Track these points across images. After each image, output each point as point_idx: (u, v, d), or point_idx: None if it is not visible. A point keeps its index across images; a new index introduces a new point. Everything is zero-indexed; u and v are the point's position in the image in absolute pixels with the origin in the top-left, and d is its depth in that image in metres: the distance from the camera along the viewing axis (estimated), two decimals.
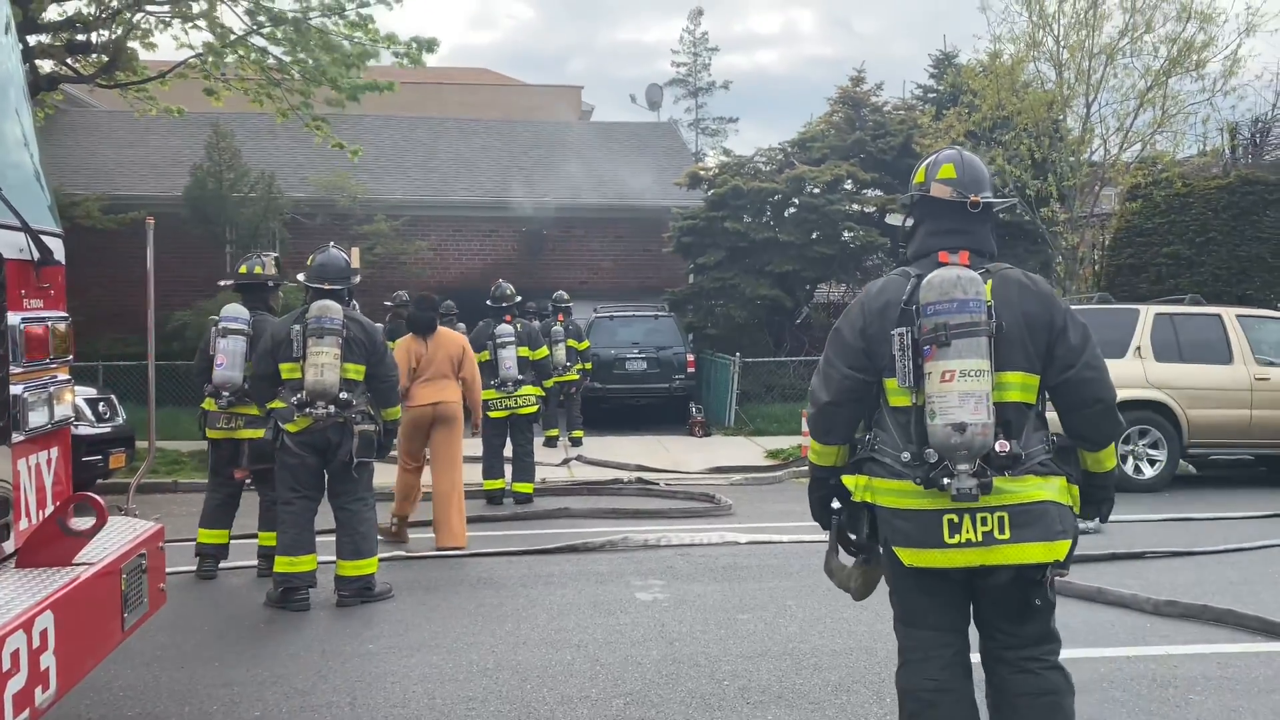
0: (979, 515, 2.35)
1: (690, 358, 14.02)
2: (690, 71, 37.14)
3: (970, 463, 2.33)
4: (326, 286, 5.04)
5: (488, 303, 8.36)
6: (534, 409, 8.13)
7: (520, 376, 7.95)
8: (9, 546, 2.59)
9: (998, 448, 2.34)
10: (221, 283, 6.23)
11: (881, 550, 2.53)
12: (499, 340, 7.96)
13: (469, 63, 50.97)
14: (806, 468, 2.72)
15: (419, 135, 19.24)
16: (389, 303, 11.85)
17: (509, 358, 7.91)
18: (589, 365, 12.77)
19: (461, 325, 10.88)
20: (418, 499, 6.60)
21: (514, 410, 8.03)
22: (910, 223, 2.68)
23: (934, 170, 2.62)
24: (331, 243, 5.13)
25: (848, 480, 2.55)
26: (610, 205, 17.52)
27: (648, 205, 17.32)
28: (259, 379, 5.03)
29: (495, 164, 17.89)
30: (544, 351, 8.42)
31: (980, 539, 2.35)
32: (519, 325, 8.23)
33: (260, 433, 5.19)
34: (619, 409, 13.90)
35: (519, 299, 8.51)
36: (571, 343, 12.46)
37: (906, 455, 2.42)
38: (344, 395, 4.84)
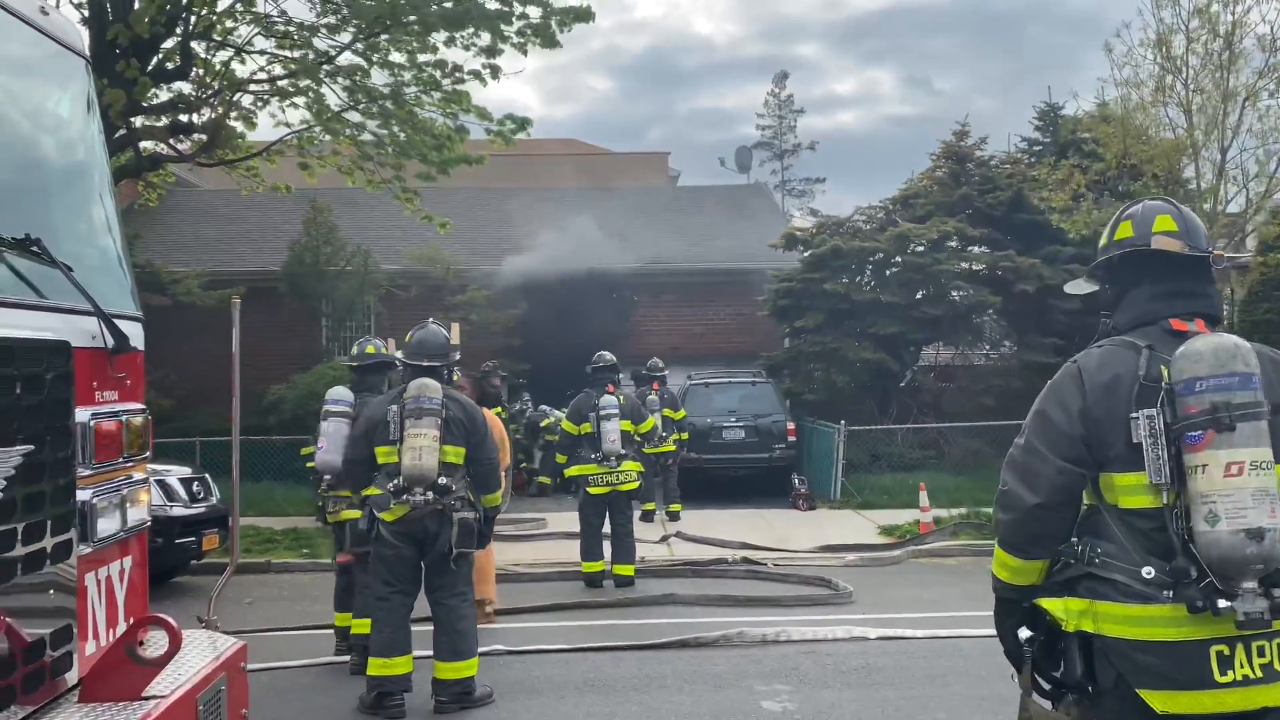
0: (1255, 644, 1.95)
1: (790, 425, 13.63)
2: (776, 134, 37.40)
3: (1257, 578, 1.92)
4: (425, 363, 4.91)
5: (588, 370, 8.19)
6: (635, 485, 7.92)
7: (623, 451, 7.75)
8: (72, 676, 2.35)
9: None
10: (343, 360, 6.04)
11: (1106, 693, 2.02)
12: (602, 412, 7.78)
13: (551, 134, 52.02)
14: (994, 581, 2.24)
15: (510, 206, 19.40)
16: (478, 372, 11.92)
17: (612, 431, 7.73)
18: (685, 435, 12.38)
19: (499, 379, 11.55)
20: (493, 577, 6.48)
21: (615, 486, 7.80)
22: (1111, 286, 2.29)
23: (1146, 222, 2.26)
24: (431, 318, 5.05)
25: (1052, 605, 2.11)
26: (702, 269, 17.61)
27: (741, 268, 17.27)
28: (352, 463, 4.90)
29: (585, 231, 17.65)
30: (650, 424, 8.37)
31: (1260, 674, 1.94)
32: (621, 397, 8.06)
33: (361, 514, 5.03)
34: (717, 480, 13.52)
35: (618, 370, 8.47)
36: (667, 412, 12.10)
37: (1150, 571, 1.99)
38: (443, 480, 4.63)
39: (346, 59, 10.72)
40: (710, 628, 6.19)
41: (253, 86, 10.99)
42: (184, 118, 10.49)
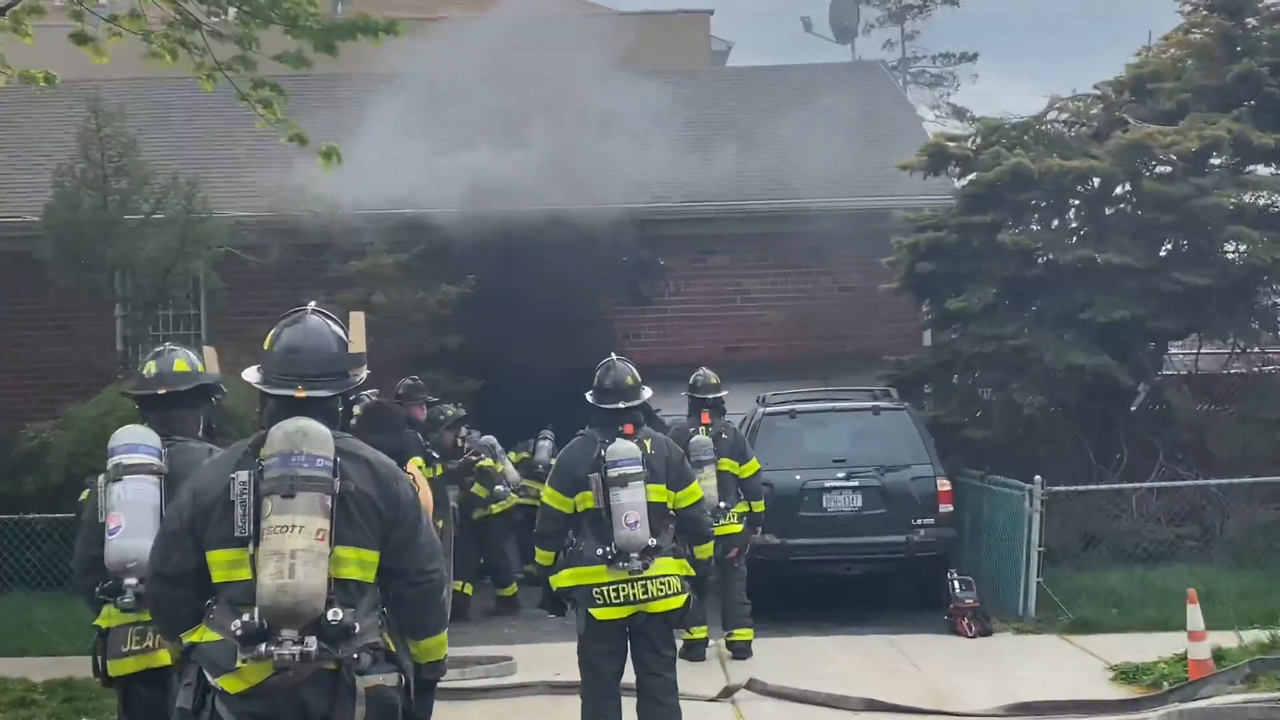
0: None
1: (944, 484, 13.57)
2: None
3: None
4: (300, 393, 4.50)
5: (589, 398, 8.20)
6: (678, 602, 7.83)
7: (655, 541, 7.70)
8: None
9: None
10: (125, 391, 6.46)
11: None
12: (615, 472, 7.76)
13: None
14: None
15: (444, 113, 18.74)
16: (393, 396, 12.42)
17: (634, 506, 7.69)
18: (759, 505, 12.04)
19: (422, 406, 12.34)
20: None
21: (642, 605, 7.78)
22: None
23: None
24: (310, 304, 4.59)
25: None
26: (775, 212, 18.04)
27: (845, 208, 17.54)
28: (163, 581, 4.55)
29: (571, 147, 17.56)
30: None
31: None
32: (649, 442, 7.95)
33: None
34: (816, 583, 13.74)
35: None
36: (727, 465, 11.84)
37: None
38: (335, 616, 4.18)
39: None
40: None
41: None
42: None
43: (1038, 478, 12.88)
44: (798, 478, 13.55)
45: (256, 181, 16.97)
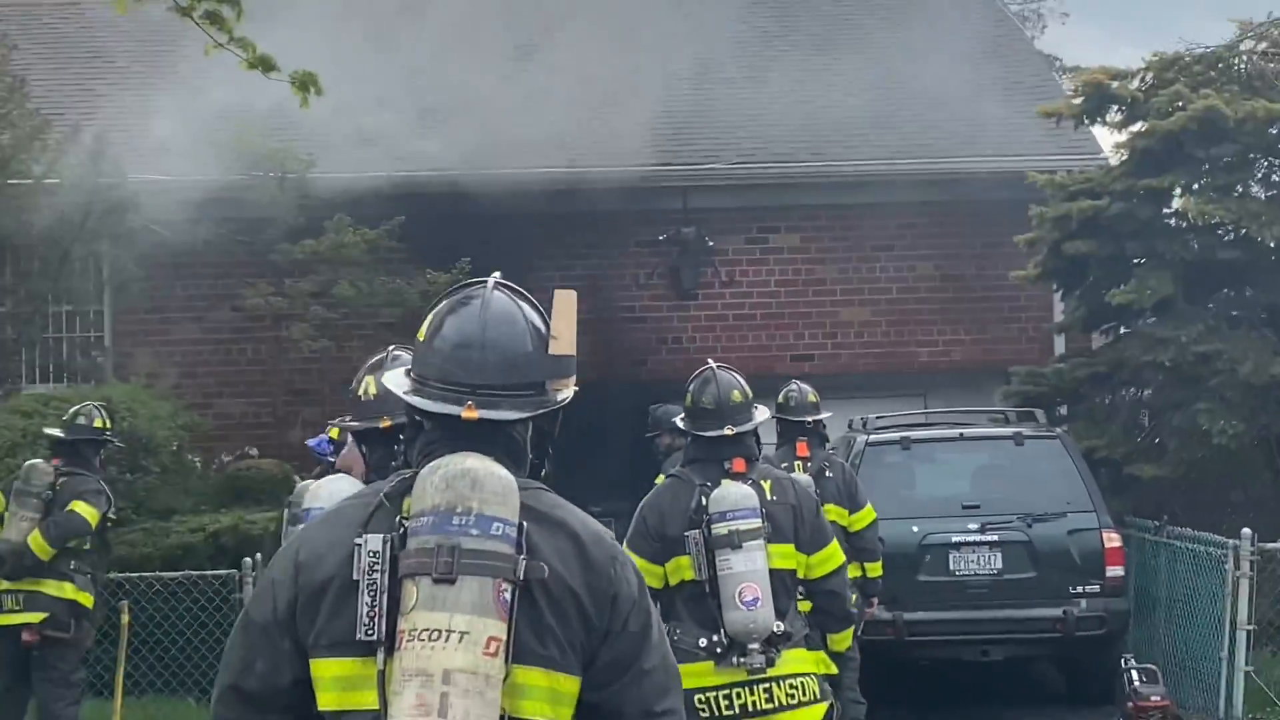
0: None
1: (1113, 539, 13.16)
2: None
3: None
4: (470, 413, 4.11)
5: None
6: (812, 714, 7.53)
7: (780, 627, 7.33)
8: None
9: None
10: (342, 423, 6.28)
11: None
12: (721, 526, 7.51)
13: None
14: None
15: (422, 36, 18.54)
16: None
17: (753, 576, 7.41)
18: (875, 568, 11.69)
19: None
20: None
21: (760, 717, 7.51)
22: None
23: None
24: (495, 274, 3.97)
25: None
26: (861, 174, 17.91)
27: (960, 171, 17.67)
28: (240, 700, 4.00)
29: (594, 87, 17.32)
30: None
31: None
32: (768, 483, 7.69)
33: None
34: (941, 671, 13.51)
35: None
36: (835, 512, 11.20)
37: None
38: None
39: None
40: None
41: None
42: None
43: (1246, 531, 12.41)
44: (915, 530, 13.14)
45: (180, 138, 16.57)
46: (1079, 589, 12.82)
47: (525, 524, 3.47)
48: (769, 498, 7.49)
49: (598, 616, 3.55)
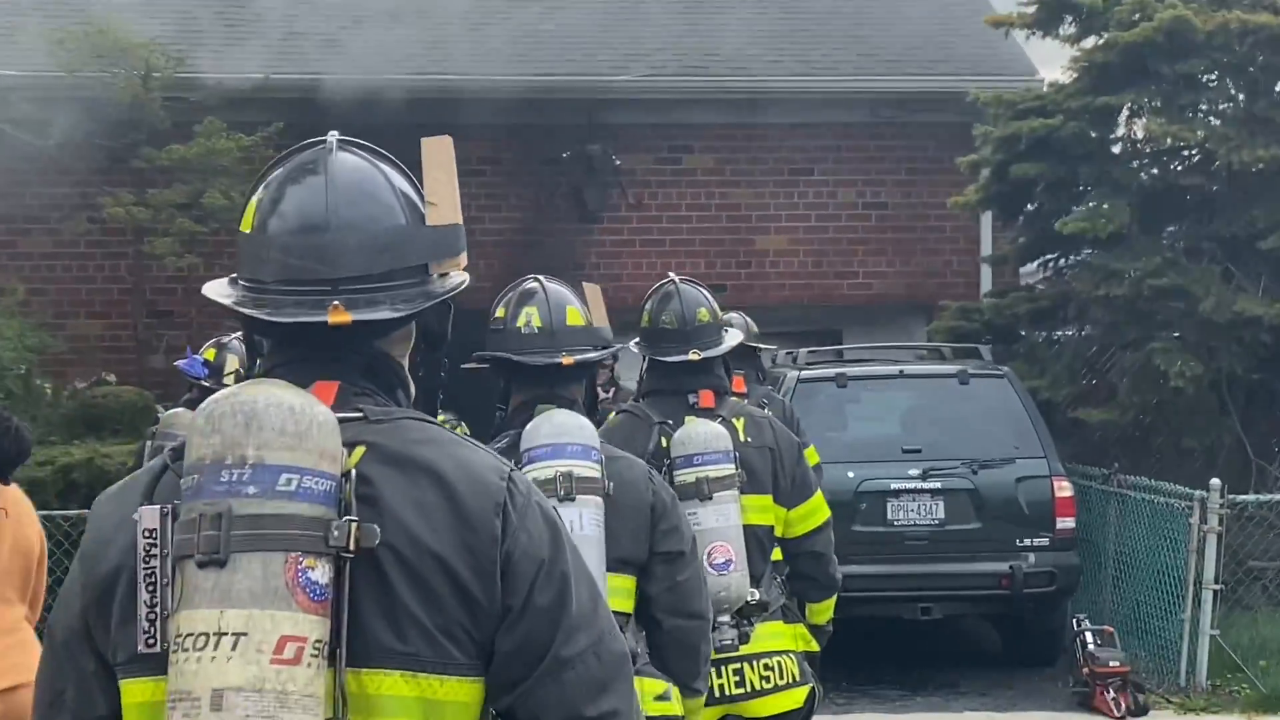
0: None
1: (1064, 488, 12.92)
2: None
3: None
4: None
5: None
6: (794, 699, 7.06)
7: (755, 595, 6.79)
8: None
9: None
10: (484, 355, 5.78)
11: None
12: (686, 474, 6.81)
13: None
14: None
15: None
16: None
17: (725, 534, 6.80)
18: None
19: None
20: None
21: (736, 704, 7.07)
22: None
23: None
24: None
25: None
26: (780, 91, 17.53)
27: (880, 88, 17.48)
28: None
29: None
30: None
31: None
32: (741, 422, 7.07)
33: None
34: (878, 629, 13.15)
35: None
36: None
37: None
38: None
39: None
40: None
41: None
42: None
43: (1215, 482, 12.20)
44: (850, 475, 12.65)
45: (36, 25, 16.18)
46: (1027, 542, 12.63)
47: (367, 471, 2.81)
48: (742, 439, 6.71)
49: (483, 590, 2.84)
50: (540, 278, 5.47)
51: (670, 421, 6.57)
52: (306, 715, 2.61)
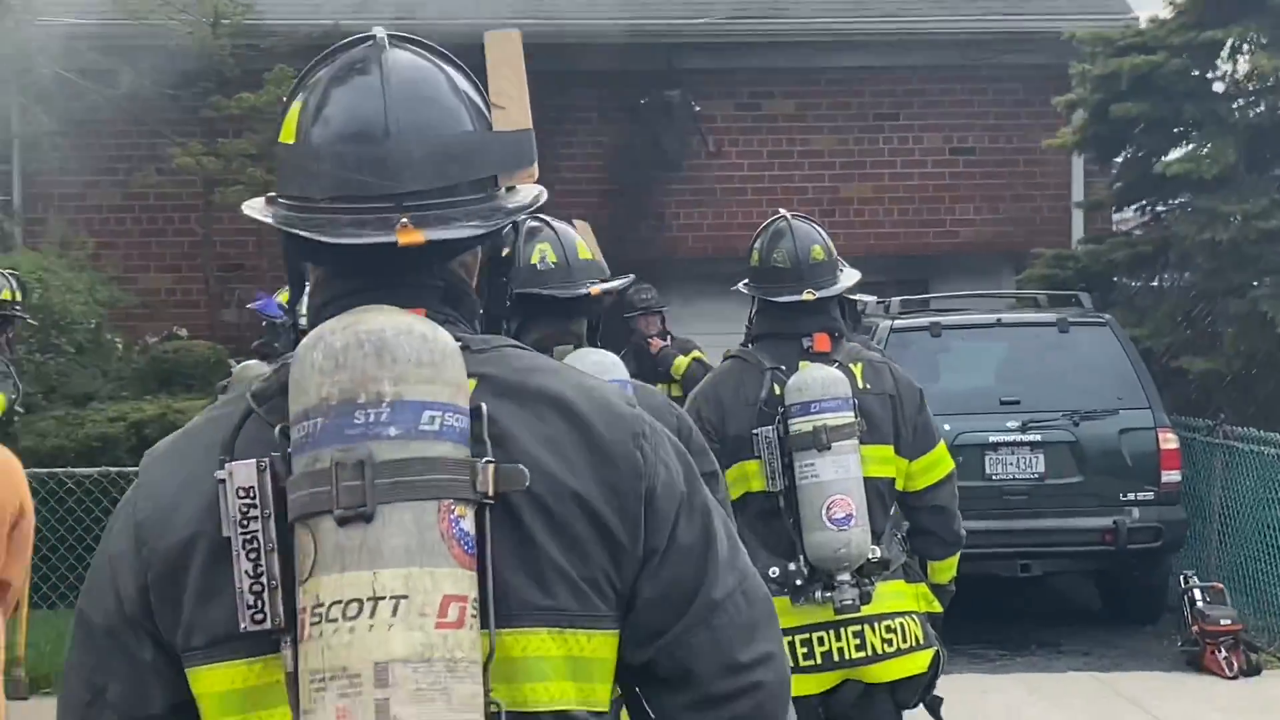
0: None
1: (1169, 439, 12.72)
2: None
3: None
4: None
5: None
6: (918, 663, 6.89)
7: (876, 551, 6.60)
8: None
9: None
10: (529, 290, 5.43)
11: None
12: (802, 421, 6.58)
13: None
14: None
15: None
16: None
17: (846, 487, 6.53)
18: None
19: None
20: None
21: (856, 668, 6.80)
22: None
23: None
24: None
25: None
26: (862, 34, 17.39)
27: (964, 28, 17.23)
28: None
29: None
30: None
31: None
32: (856, 369, 6.91)
33: None
34: (975, 588, 12.83)
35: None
36: None
37: None
38: None
39: None
40: None
41: None
42: None
43: None
44: (946, 428, 12.11)
45: None
46: (1131, 496, 12.36)
47: (484, 405, 2.51)
48: (861, 385, 6.39)
49: (627, 532, 2.59)
50: (542, 215, 5.16)
51: (783, 367, 6.34)
52: (474, 685, 2.34)
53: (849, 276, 6.32)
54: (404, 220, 2.42)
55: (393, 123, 2.49)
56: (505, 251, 2.75)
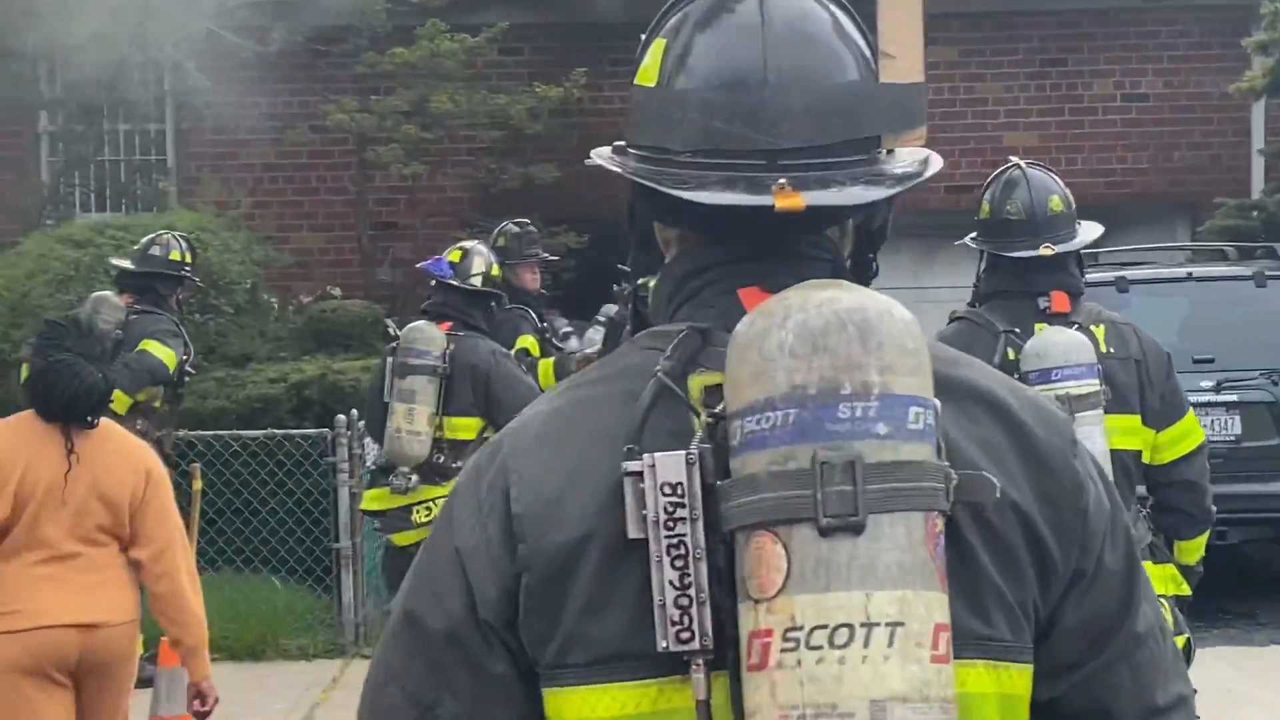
0: None
1: None
2: None
3: None
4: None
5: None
6: None
7: None
8: None
9: None
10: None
11: None
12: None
13: None
14: None
15: None
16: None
17: None
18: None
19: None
20: None
21: None
22: None
23: None
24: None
25: None
26: None
27: None
28: None
29: None
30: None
31: None
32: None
33: None
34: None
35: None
36: None
37: None
38: None
39: None
40: None
41: None
42: None
43: None
44: None
45: None
46: None
47: (938, 402, 2.25)
48: (1104, 350, 6.09)
49: (1061, 551, 2.31)
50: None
51: (1018, 330, 6.03)
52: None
53: (1090, 230, 6.03)
54: (782, 180, 2.12)
55: (772, 69, 2.21)
56: (878, 225, 2.42)
